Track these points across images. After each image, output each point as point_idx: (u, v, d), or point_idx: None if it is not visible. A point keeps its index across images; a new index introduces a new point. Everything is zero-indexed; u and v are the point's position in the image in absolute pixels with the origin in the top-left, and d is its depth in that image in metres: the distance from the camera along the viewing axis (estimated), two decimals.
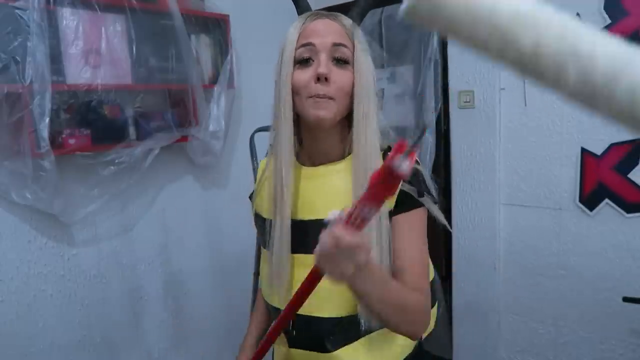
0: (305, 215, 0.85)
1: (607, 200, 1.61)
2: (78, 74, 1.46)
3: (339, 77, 0.80)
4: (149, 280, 1.85)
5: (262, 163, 0.99)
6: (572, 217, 1.70)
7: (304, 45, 0.80)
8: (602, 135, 1.60)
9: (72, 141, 1.48)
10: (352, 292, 0.68)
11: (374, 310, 0.72)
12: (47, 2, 1.36)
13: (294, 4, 0.96)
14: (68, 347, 1.61)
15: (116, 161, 1.57)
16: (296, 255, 0.85)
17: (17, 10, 1.30)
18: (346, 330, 0.83)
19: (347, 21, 0.83)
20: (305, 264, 0.84)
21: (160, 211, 1.88)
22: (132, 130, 1.64)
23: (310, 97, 0.79)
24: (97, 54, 1.49)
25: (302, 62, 0.80)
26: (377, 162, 0.80)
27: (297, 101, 0.81)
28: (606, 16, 1.53)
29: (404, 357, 0.90)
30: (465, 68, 1.86)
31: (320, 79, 0.78)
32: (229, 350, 2.12)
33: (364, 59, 0.81)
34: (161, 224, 1.88)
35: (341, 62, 0.80)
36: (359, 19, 0.89)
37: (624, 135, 1.56)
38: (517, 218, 1.83)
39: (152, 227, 1.85)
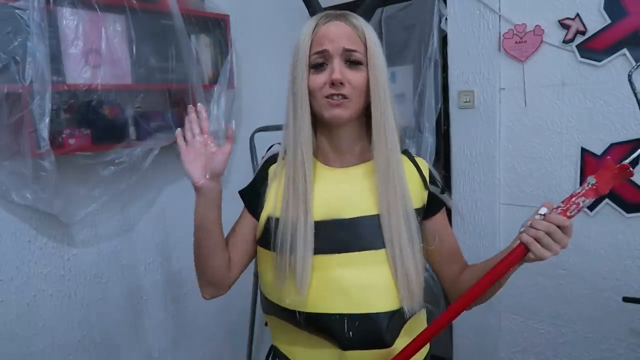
0: (348, 213, 0.86)
1: (607, 200, 1.62)
2: (78, 74, 1.46)
3: (353, 77, 0.84)
4: (149, 280, 1.85)
5: (271, 169, 0.97)
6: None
7: (317, 52, 0.84)
8: (602, 135, 1.60)
9: (72, 141, 1.47)
10: (504, 278, 0.83)
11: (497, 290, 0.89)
12: (47, 2, 1.35)
13: (305, 4, 0.98)
14: (68, 347, 1.61)
15: (116, 161, 1.57)
16: (341, 255, 0.85)
17: (17, 10, 1.30)
18: (397, 321, 0.85)
19: (358, 21, 0.86)
20: (351, 262, 0.85)
21: (160, 211, 1.88)
22: (132, 130, 1.64)
23: (326, 97, 0.83)
24: (97, 54, 1.49)
25: (316, 67, 0.85)
26: (398, 157, 0.86)
27: (313, 102, 0.85)
28: (606, 16, 1.53)
29: (429, 344, 0.95)
30: (465, 68, 1.86)
31: (335, 83, 0.82)
32: (229, 350, 2.12)
33: (376, 58, 0.85)
34: (161, 224, 1.88)
35: (354, 63, 0.84)
36: (367, 16, 0.91)
37: (624, 135, 1.56)
38: (517, 218, 1.83)
39: (152, 227, 1.85)
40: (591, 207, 1.65)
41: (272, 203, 0.91)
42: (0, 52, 1.28)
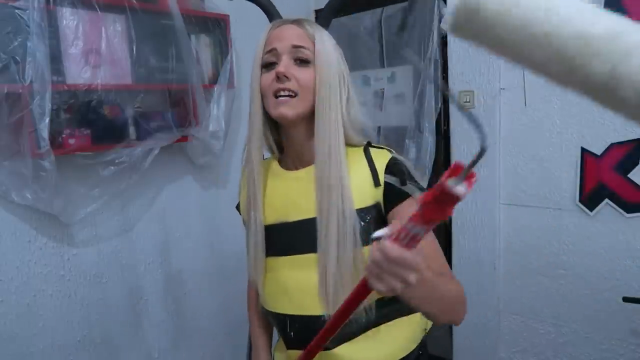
0: (293, 216, 0.89)
1: (607, 200, 1.61)
2: (78, 74, 1.46)
3: (299, 74, 0.84)
4: (149, 280, 1.85)
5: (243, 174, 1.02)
6: (572, 217, 1.70)
7: (268, 51, 0.86)
8: (602, 135, 1.60)
9: (72, 141, 1.48)
10: (402, 299, 0.66)
11: (424, 311, 0.75)
12: (47, 2, 1.35)
13: (264, 12, 1.01)
14: (68, 347, 1.61)
15: (116, 161, 1.57)
16: (287, 257, 0.88)
17: (17, 10, 1.30)
18: (344, 327, 0.81)
19: (310, 23, 0.88)
20: (295, 265, 0.87)
21: (160, 211, 1.88)
22: (132, 130, 1.64)
23: (274, 95, 0.84)
24: (97, 54, 1.49)
25: (267, 66, 0.86)
26: (337, 156, 0.82)
27: (265, 102, 0.87)
28: None
29: (410, 351, 0.90)
30: (465, 68, 1.86)
31: (280, 77, 0.83)
32: (229, 350, 2.12)
33: (324, 57, 0.85)
34: (161, 224, 1.88)
35: (302, 61, 0.85)
36: (326, 22, 0.93)
37: (624, 135, 1.56)
38: (517, 218, 1.83)
39: (152, 227, 1.85)
40: (591, 207, 1.65)
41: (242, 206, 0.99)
42: (0, 52, 1.28)
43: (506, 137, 1.81)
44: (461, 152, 1.91)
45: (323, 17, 0.93)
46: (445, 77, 1.99)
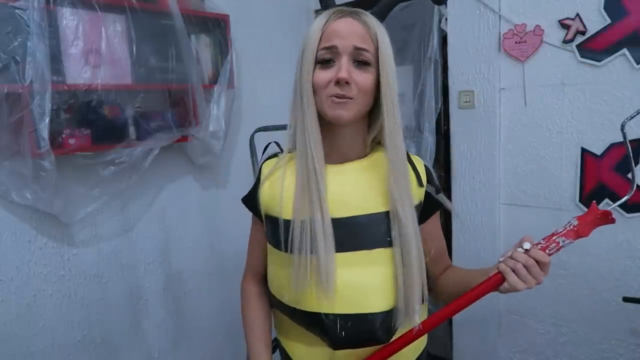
0: (341, 212, 0.85)
1: (607, 200, 1.61)
2: (78, 74, 1.46)
3: (360, 78, 0.81)
4: (149, 280, 1.85)
5: (267, 165, 0.95)
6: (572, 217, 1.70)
7: (326, 47, 0.81)
8: (602, 135, 1.60)
9: (72, 141, 1.48)
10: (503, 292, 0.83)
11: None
12: (47, 2, 1.35)
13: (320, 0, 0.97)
14: (68, 347, 1.61)
15: (116, 161, 1.57)
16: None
17: (17, 10, 1.30)
18: (393, 318, 0.85)
19: (371, 20, 0.84)
20: (345, 263, 0.84)
21: (160, 211, 1.88)
22: (132, 130, 1.64)
23: (330, 96, 0.81)
24: (97, 54, 1.49)
25: (323, 62, 0.82)
26: (405, 157, 0.86)
27: (315, 99, 0.83)
28: (606, 16, 1.53)
29: (425, 344, 0.98)
30: (465, 68, 1.86)
31: (341, 82, 0.80)
32: (229, 350, 2.12)
33: (388, 59, 0.83)
34: (161, 224, 1.88)
35: (363, 64, 0.82)
36: (381, 17, 0.89)
37: None
38: (517, 218, 1.83)
39: (152, 227, 1.85)
40: None
41: (269, 202, 0.91)
42: (0, 52, 1.29)
43: (506, 137, 1.81)
44: (461, 152, 1.91)
45: (377, 14, 0.90)
46: (445, 77, 1.99)
